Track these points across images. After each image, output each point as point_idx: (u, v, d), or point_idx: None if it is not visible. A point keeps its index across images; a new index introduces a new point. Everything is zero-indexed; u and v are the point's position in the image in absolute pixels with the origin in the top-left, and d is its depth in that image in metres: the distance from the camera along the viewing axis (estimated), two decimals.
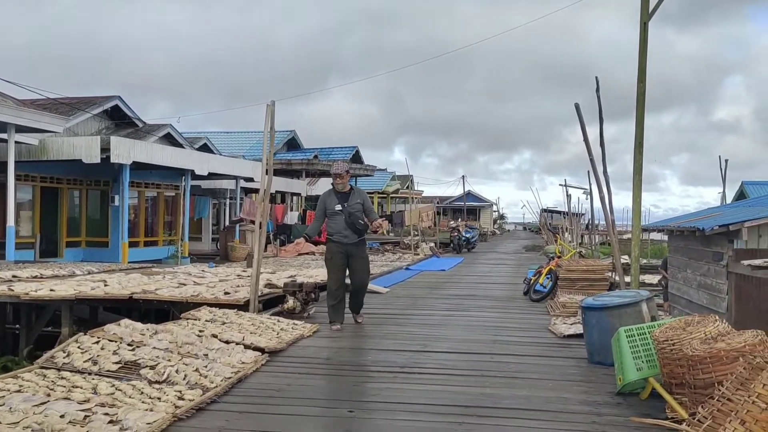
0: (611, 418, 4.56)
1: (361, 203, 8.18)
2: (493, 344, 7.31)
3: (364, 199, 8.27)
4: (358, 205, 8.15)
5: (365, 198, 8.33)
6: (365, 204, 8.24)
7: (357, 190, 8.39)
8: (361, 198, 8.25)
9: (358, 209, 8.13)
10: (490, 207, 74.87)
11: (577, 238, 25.48)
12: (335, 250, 8.17)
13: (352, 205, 8.12)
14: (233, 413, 4.62)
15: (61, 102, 21.65)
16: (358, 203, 8.16)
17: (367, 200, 8.33)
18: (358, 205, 8.14)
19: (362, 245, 8.36)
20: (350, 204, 8.12)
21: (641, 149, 8.64)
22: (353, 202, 8.14)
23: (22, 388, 4.87)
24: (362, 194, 8.37)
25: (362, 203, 8.19)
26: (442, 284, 14.32)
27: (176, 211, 24.07)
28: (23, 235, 18.60)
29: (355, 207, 8.12)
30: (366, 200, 8.30)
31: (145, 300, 9.19)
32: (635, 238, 8.83)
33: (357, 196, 8.24)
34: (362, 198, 8.27)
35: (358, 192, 8.36)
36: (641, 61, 8.56)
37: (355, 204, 8.14)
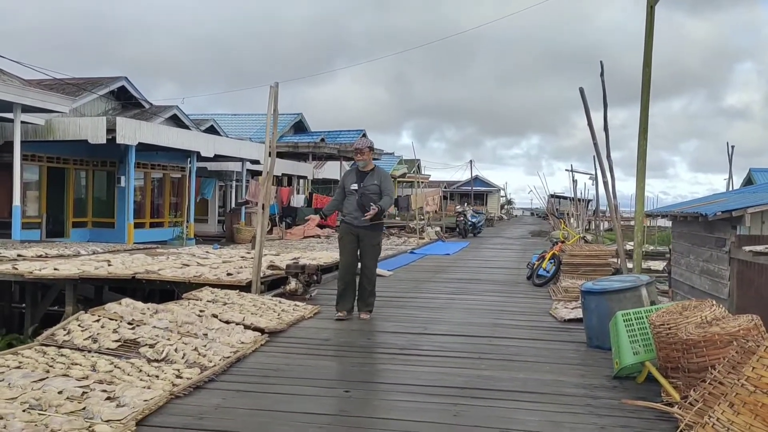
0: (606, 401, 4.57)
1: (377, 184, 7.56)
2: (493, 328, 7.33)
3: (382, 180, 7.62)
4: (374, 187, 7.55)
5: (384, 179, 7.66)
6: (383, 185, 7.59)
7: (378, 171, 7.70)
8: (379, 179, 7.61)
9: (373, 191, 7.54)
10: (497, 192, 74.78)
11: (583, 224, 25.43)
12: (345, 230, 7.72)
13: (368, 186, 7.55)
14: (230, 392, 4.65)
15: (67, 82, 21.66)
16: (375, 184, 7.55)
17: (386, 182, 7.65)
18: (374, 187, 7.55)
19: (375, 231, 7.67)
20: (366, 185, 7.56)
21: (646, 135, 8.59)
22: (369, 183, 7.56)
23: (21, 365, 4.91)
24: (382, 175, 7.69)
25: (379, 184, 7.57)
26: (445, 268, 14.34)
27: (182, 192, 24.12)
28: (30, 215, 18.69)
29: (371, 188, 7.54)
30: (385, 182, 7.63)
31: (148, 280, 9.22)
32: (638, 224, 8.81)
33: (375, 177, 7.61)
34: (380, 179, 7.62)
35: (378, 173, 7.68)
36: (647, 46, 8.49)
37: (371, 185, 7.55)
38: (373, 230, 7.61)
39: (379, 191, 7.55)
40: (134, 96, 24.97)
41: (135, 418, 3.85)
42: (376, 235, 7.71)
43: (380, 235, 7.90)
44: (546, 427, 4.02)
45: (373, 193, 7.52)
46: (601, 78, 9.17)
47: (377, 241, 7.77)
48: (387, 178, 7.72)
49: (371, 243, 7.63)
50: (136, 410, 3.96)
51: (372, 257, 7.70)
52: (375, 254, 7.77)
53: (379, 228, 7.79)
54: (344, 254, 7.71)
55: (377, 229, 7.72)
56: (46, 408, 3.91)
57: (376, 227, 7.68)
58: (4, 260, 10.24)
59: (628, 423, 4.09)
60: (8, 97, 14.90)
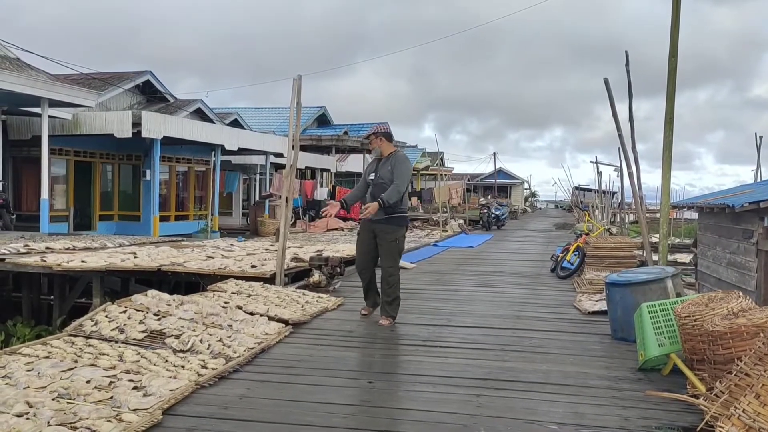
0: (631, 393, 4.55)
1: (390, 170, 6.71)
2: (516, 320, 7.31)
3: (394, 165, 6.72)
4: (388, 174, 6.71)
5: (396, 165, 6.73)
6: (395, 171, 6.69)
7: (393, 157, 6.83)
8: (392, 165, 6.74)
9: (387, 179, 6.70)
10: (521, 184, 74.38)
11: (607, 217, 25.23)
12: (362, 225, 7.08)
13: (382, 174, 6.76)
14: (255, 382, 4.69)
15: (93, 77, 21.90)
16: (388, 171, 6.72)
17: (397, 167, 6.71)
18: (387, 174, 6.72)
19: (391, 225, 6.74)
20: (380, 173, 6.79)
21: (671, 125, 8.51)
22: (383, 171, 6.78)
23: (50, 355, 5.00)
24: (396, 160, 6.77)
25: (392, 170, 6.71)
26: (469, 261, 14.31)
27: (206, 185, 24.31)
28: (58, 209, 18.97)
29: (385, 176, 6.73)
30: (396, 167, 6.71)
31: (174, 272, 9.32)
32: (664, 215, 8.73)
33: (390, 163, 6.78)
34: (393, 164, 6.74)
35: (394, 158, 6.81)
36: (673, 36, 8.40)
37: (385, 173, 6.74)
38: (389, 224, 6.71)
39: (391, 177, 6.71)
40: (159, 90, 25.19)
41: (161, 407, 3.90)
42: (392, 230, 6.74)
43: (399, 230, 6.82)
44: (569, 418, 4.00)
45: (387, 181, 6.70)
46: (627, 68, 9.08)
47: (394, 237, 6.76)
48: (400, 163, 6.75)
49: (387, 239, 6.74)
50: (162, 399, 4.01)
51: (389, 256, 6.78)
52: (392, 252, 6.80)
53: (396, 222, 6.76)
54: (359, 250, 7.08)
55: (394, 223, 6.73)
56: (74, 397, 3.98)
57: (392, 221, 6.71)
58: (32, 253, 10.40)
59: (653, 415, 4.07)
60: (36, 91, 15.11)
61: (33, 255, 10.12)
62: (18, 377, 4.26)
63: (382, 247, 6.81)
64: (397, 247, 6.84)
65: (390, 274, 6.77)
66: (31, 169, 18.45)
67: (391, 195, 6.59)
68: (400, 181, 6.66)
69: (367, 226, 6.91)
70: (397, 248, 6.84)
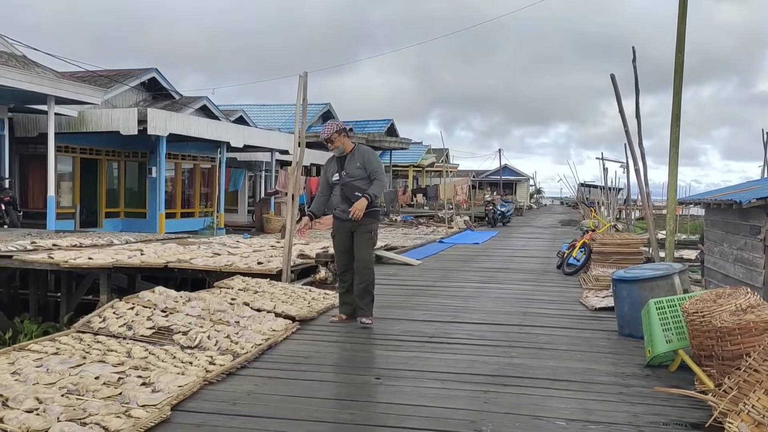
0: (638, 389, 4.54)
1: (362, 167, 6.44)
2: (523, 316, 7.31)
3: (366, 161, 6.46)
4: (359, 171, 6.44)
5: (368, 160, 6.48)
6: (368, 168, 6.45)
7: (359, 152, 6.53)
8: (362, 160, 6.45)
9: (358, 176, 6.45)
10: (526, 181, 74.32)
11: (613, 213, 25.19)
12: (336, 226, 6.71)
13: (351, 172, 6.46)
14: (262, 378, 4.71)
15: (99, 74, 21.94)
16: (358, 168, 6.44)
17: (371, 162, 6.48)
18: (358, 171, 6.44)
19: (368, 218, 6.50)
20: (348, 171, 6.48)
21: (678, 121, 8.47)
22: (352, 169, 6.47)
23: (59, 351, 5.02)
24: (365, 155, 6.51)
25: (363, 167, 6.44)
26: (475, 257, 14.31)
27: (212, 183, 24.35)
28: (64, 206, 19.02)
29: (355, 174, 6.45)
30: (370, 161, 6.47)
31: (180, 269, 9.35)
32: (670, 212, 8.71)
33: (356, 159, 6.47)
34: (364, 160, 6.46)
35: (359, 153, 6.51)
36: (680, 31, 8.36)
37: (355, 170, 6.45)
38: (365, 217, 6.47)
39: (366, 175, 6.46)
40: (164, 87, 25.22)
41: (170, 403, 3.92)
42: (369, 221, 6.54)
43: (375, 222, 6.70)
44: (577, 414, 4.00)
45: (358, 179, 6.45)
46: (633, 64, 9.05)
47: (370, 230, 6.58)
48: (371, 158, 6.53)
49: (363, 231, 6.52)
50: (170, 396, 4.02)
51: (365, 247, 6.56)
52: (368, 244, 6.61)
53: (372, 215, 6.59)
54: (339, 253, 6.75)
55: (370, 215, 6.53)
56: (83, 393, 3.99)
57: (369, 214, 6.49)
58: (40, 250, 10.44)
59: (661, 411, 4.06)
60: (43, 89, 15.15)
61: (40, 252, 10.15)
62: (27, 373, 4.28)
63: (358, 240, 6.52)
64: (372, 239, 6.66)
65: (365, 267, 6.52)
66: (38, 166, 18.50)
67: (377, 190, 6.43)
68: (380, 175, 6.49)
69: (343, 225, 6.58)
70: (372, 241, 6.67)
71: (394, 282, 10.00)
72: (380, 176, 6.48)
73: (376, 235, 6.74)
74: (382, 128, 40.88)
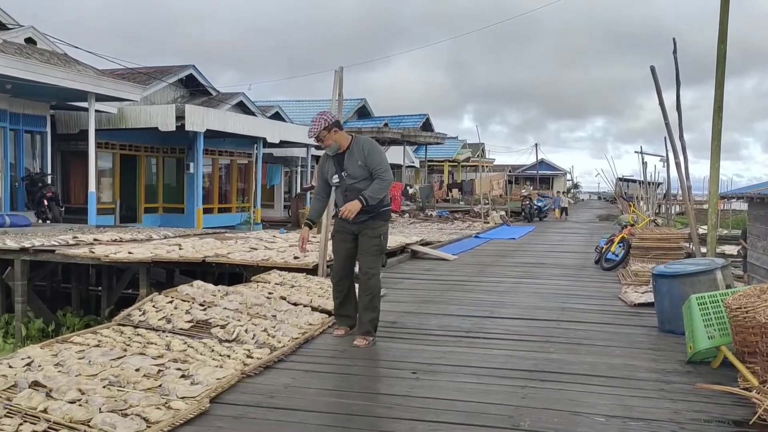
0: (680, 385, 4.47)
1: (362, 164, 5.53)
2: (560, 311, 7.24)
3: (366, 156, 5.51)
4: (360, 170, 5.54)
5: (370, 155, 5.52)
6: (369, 163, 5.51)
7: (358, 145, 5.59)
8: (362, 156, 5.52)
9: (361, 177, 5.55)
10: (563, 176, 73.58)
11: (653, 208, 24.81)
12: (337, 227, 5.82)
13: (352, 173, 5.57)
14: (299, 371, 4.73)
15: (138, 71, 22.24)
16: (360, 167, 5.54)
17: (372, 157, 5.52)
18: (359, 170, 5.54)
19: (375, 221, 5.64)
20: (349, 172, 5.58)
21: (720, 113, 8.29)
22: (352, 169, 5.57)
23: (100, 344, 5.11)
24: (365, 149, 5.55)
25: (364, 164, 5.52)
26: (511, 252, 14.22)
27: (249, 178, 24.55)
28: (104, 201, 19.36)
29: (357, 174, 5.56)
30: (371, 156, 5.52)
31: (218, 263, 9.43)
32: (712, 205, 8.53)
33: (357, 155, 5.55)
34: (364, 155, 5.52)
35: (358, 148, 5.57)
36: (722, 21, 8.17)
37: (356, 170, 5.55)
38: (373, 220, 5.62)
39: (369, 174, 5.56)
40: (202, 84, 25.48)
41: (208, 396, 3.96)
42: (377, 225, 5.65)
43: (384, 225, 5.74)
44: (617, 410, 3.95)
45: (361, 179, 5.56)
46: (674, 56, 8.88)
47: (378, 234, 5.66)
48: (372, 152, 5.55)
49: (370, 235, 5.63)
50: (209, 388, 4.07)
51: (370, 256, 5.65)
52: (375, 251, 5.69)
53: (381, 216, 5.68)
54: (337, 255, 5.84)
55: (378, 217, 5.65)
56: (124, 384, 4.06)
57: (378, 216, 5.64)
58: (81, 244, 10.62)
59: (703, 408, 3.99)
60: (84, 86, 15.41)
61: (82, 246, 10.33)
62: (70, 365, 4.36)
63: (363, 246, 5.65)
64: (380, 245, 5.73)
65: (369, 277, 5.60)
66: (79, 162, 18.84)
67: (377, 191, 5.51)
68: (383, 172, 5.52)
69: (345, 227, 5.71)
70: (380, 247, 5.74)
71: (430, 277, 9.99)
72: (383, 173, 5.51)
73: (385, 239, 5.82)
74: (417, 123, 40.84)
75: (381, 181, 5.51)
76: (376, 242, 5.66)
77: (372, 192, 5.48)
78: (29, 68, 13.94)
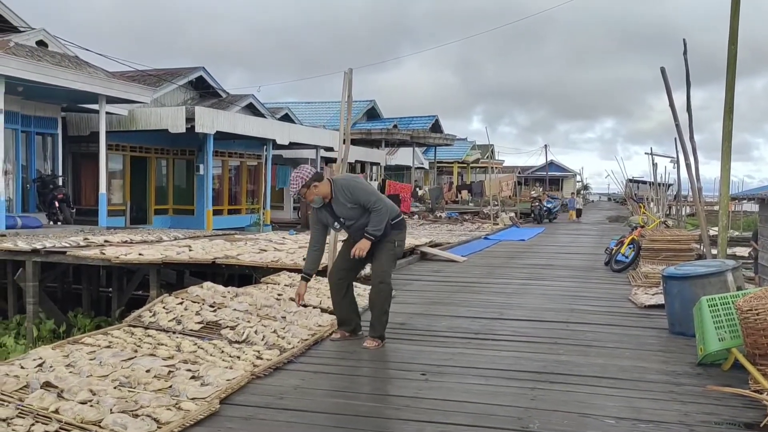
0: (690, 388, 4.45)
1: (354, 205, 5.50)
2: (569, 313, 7.23)
3: (351, 196, 5.48)
4: (353, 211, 5.53)
5: (353, 192, 5.48)
6: (357, 201, 5.48)
7: (339, 190, 5.51)
8: (347, 198, 5.49)
9: (356, 216, 5.56)
10: (573, 177, 73.35)
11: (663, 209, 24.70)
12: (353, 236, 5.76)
13: (347, 216, 5.58)
14: (309, 373, 4.74)
15: (148, 73, 22.34)
16: (351, 208, 5.52)
17: (357, 195, 5.47)
18: (352, 211, 5.53)
19: (393, 230, 5.66)
20: (342, 216, 5.59)
21: (731, 115, 8.26)
22: (344, 214, 5.57)
23: (111, 344, 5.14)
24: (347, 191, 5.49)
25: (354, 202, 5.49)
26: (520, 254, 14.19)
27: (258, 180, 24.59)
28: (115, 203, 19.44)
29: (352, 216, 5.57)
30: (355, 195, 5.47)
31: (227, 265, 9.46)
32: (723, 207, 8.49)
33: (342, 199, 5.50)
34: (349, 197, 5.49)
35: (340, 192, 5.50)
36: (733, 22, 8.14)
37: (348, 212, 5.54)
38: (385, 236, 5.60)
39: (364, 210, 5.53)
40: (211, 86, 25.56)
41: (219, 397, 3.98)
42: (395, 233, 5.68)
43: (401, 233, 5.80)
44: (626, 413, 3.94)
45: (359, 218, 5.57)
46: (684, 57, 8.85)
47: (393, 240, 5.66)
48: (356, 190, 5.50)
49: (385, 240, 5.61)
50: (219, 389, 4.08)
51: (385, 260, 5.65)
52: (390, 256, 5.68)
53: (396, 227, 5.70)
54: (342, 255, 5.88)
55: (395, 228, 5.69)
56: (135, 385, 4.08)
57: (394, 226, 5.66)
58: (92, 246, 10.68)
59: (713, 410, 3.98)
60: (94, 88, 15.49)
61: (92, 248, 10.38)
62: (81, 366, 4.39)
63: (379, 249, 5.61)
64: (395, 250, 5.73)
65: (381, 280, 5.63)
66: (90, 164, 18.94)
67: (377, 223, 5.49)
68: (375, 203, 5.48)
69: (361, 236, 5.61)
70: (395, 253, 5.74)
71: (439, 278, 9.99)
72: (374, 204, 5.48)
73: (401, 246, 5.84)
74: (426, 124, 40.85)
75: (377, 213, 5.49)
76: (390, 247, 5.66)
77: (373, 226, 5.50)
78: (41, 71, 14.02)
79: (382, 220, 5.50)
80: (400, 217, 5.83)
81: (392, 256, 5.71)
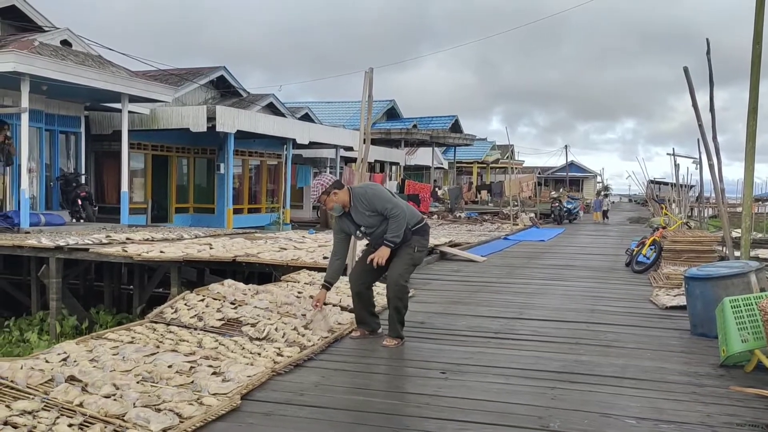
0: (712, 389, 4.42)
1: (372, 212, 5.56)
2: (590, 313, 7.19)
3: (369, 204, 5.55)
4: (372, 218, 5.58)
5: (370, 200, 5.54)
6: (375, 208, 5.54)
7: (356, 199, 5.60)
8: (365, 206, 5.56)
9: (375, 224, 5.60)
10: (593, 178, 72.86)
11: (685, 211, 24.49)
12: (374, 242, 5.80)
13: (367, 225, 5.63)
14: (329, 370, 4.76)
15: (170, 73, 22.49)
16: (369, 216, 5.57)
17: (374, 201, 5.52)
18: (371, 219, 5.58)
19: (414, 236, 5.69)
20: (362, 224, 5.65)
21: (755, 115, 8.17)
22: (364, 223, 5.63)
23: (134, 340, 5.19)
24: (364, 199, 5.56)
25: (372, 211, 5.56)
26: (540, 254, 14.14)
27: (278, 179, 24.68)
28: (136, 201, 19.58)
29: (371, 223, 5.61)
30: (373, 203, 5.53)
31: (248, 263, 9.52)
32: (746, 208, 8.42)
33: (360, 207, 5.58)
34: (366, 205, 5.55)
35: (358, 201, 5.58)
36: (757, 21, 8.06)
37: (367, 219, 5.60)
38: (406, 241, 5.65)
39: (383, 218, 5.57)
40: (232, 85, 25.67)
41: (240, 393, 4.01)
42: (416, 240, 5.71)
43: (422, 239, 5.78)
44: (648, 413, 3.92)
45: (379, 225, 5.61)
46: (708, 57, 8.77)
47: (413, 245, 5.68)
48: (373, 198, 5.55)
49: (407, 245, 5.64)
50: (240, 385, 4.12)
51: (403, 262, 5.65)
52: (408, 261, 5.68)
53: (419, 232, 5.74)
54: (360, 262, 5.93)
55: (417, 233, 5.73)
56: (157, 380, 4.12)
57: (415, 232, 5.71)
58: (114, 243, 10.79)
59: (736, 411, 3.95)
60: (117, 87, 15.61)
61: (114, 245, 10.49)
62: (105, 361, 4.44)
63: (398, 255, 5.64)
64: (413, 255, 5.70)
65: (397, 283, 5.61)
66: (112, 162, 19.09)
67: (395, 230, 5.51)
68: (392, 210, 5.50)
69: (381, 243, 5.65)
70: (413, 257, 5.71)
71: (458, 278, 9.97)
72: (391, 211, 5.50)
73: (420, 252, 5.80)
74: (446, 124, 40.80)
75: (394, 219, 5.51)
76: (409, 252, 5.66)
77: (391, 233, 5.52)
78: (65, 70, 14.16)
79: (399, 226, 5.52)
80: (423, 222, 5.82)
81: (410, 260, 5.70)
